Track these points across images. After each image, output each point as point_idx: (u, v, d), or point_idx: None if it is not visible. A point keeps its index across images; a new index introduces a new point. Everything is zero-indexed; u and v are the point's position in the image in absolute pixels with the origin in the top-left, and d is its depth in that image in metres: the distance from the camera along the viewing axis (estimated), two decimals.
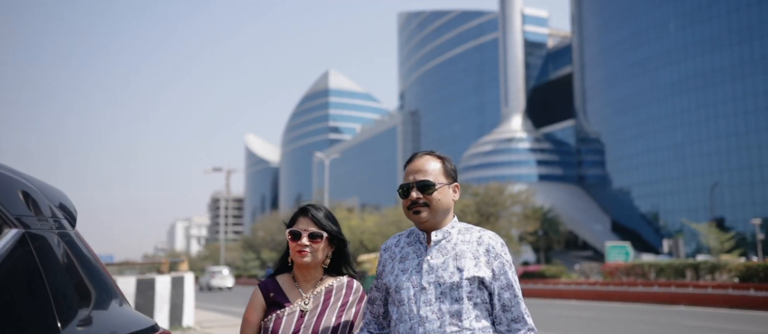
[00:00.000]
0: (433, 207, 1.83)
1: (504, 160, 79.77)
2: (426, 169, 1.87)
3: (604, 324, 13.39)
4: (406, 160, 1.99)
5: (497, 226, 45.44)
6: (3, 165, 1.51)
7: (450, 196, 1.88)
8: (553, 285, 24.79)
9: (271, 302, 2.00)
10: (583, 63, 75.64)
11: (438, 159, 1.92)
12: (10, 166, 1.52)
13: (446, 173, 1.90)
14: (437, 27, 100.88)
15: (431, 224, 1.85)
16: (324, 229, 2.00)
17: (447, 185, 1.87)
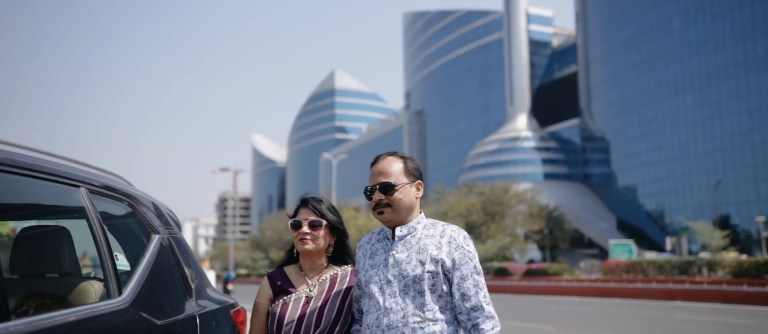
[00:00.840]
0: (395, 207, 1.89)
1: (509, 159, 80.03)
2: (387, 170, 1.93)
3: (601, 318, 13.86)
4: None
5: (503, 224, 45.82)
6: (130, 184, 2.16)
7: (412, 194, 1.93)
8: (555, 282, 25.23)
9: (279, 290, 2.07)
10: (587, 62, 75.78)
11: (400, 159, 1.97)
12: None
13: (408, 172, 1.95)
14: (442, 27, 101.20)
15: (395, 222, 1.91)
16: (324, 217, 2.09)
17: (409, 184, 1.92)
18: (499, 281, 29.04)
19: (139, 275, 1.87)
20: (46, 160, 1.71)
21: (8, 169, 1.52)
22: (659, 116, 63.47)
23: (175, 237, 2.21)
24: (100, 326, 1.60)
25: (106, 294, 1.77)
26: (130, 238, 2.05)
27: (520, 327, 12.21)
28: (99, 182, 1.91)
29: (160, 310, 1.89)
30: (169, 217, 2.27)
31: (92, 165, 1.98)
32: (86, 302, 1.79)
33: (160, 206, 2.25)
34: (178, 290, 2.09)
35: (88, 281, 1.90)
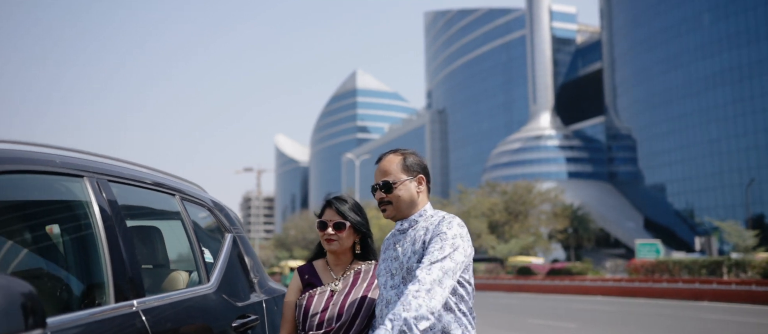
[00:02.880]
0: (396, 203, 1.95)
1: (533, 157, 79.58)
2: (387, 169, 1.99)
3: (625, 317, 13.99)
4: (434, 158, 2.43)
5: (526, 224, 45.79)
6: (206, 191, 2.57)
7: (413, 189, 1.97)
8: (579, 282, 25.26)
9: (306, 283, 2.18)
10: (613, 58, 74.98)
11: (399, 156, 2.02)
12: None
13: (406, 168, 1.99)
14: (464, 25, 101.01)
15: (398, 218, 1.98)
16: (347, 219, 2.15)
17: (408, 180, 1.97)
18: (523, 281, 29.14)
19: (220, 266, 2.28)
20: (150, 174, 2.14)
21: (123, 180, 1.93)
22: (688, 113, 62.53)
23: (241, 236, 2.61)
24: (199, 304, 2.04)
25: (198, 281, 2.17)
26: (210, 236, 2.45)
27: (543, 325, 12.44)
28: (188, 190, 2.34)
29: (236, 294, 2.30)
30: (235, 219, 2.68)
31: (180, 177, 2.39)
32: (177, 288, 2.19)
33: (229, 210, 2.66)
34: (246, 279, 2.49)
35: (177, 271, 2.30)
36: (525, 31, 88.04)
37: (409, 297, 1.69)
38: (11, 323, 0.97)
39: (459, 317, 1.85)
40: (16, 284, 1.02)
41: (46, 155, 1.61)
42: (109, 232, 1.66)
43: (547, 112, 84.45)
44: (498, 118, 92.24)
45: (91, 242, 1.64)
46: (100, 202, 1.68)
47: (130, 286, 1.65)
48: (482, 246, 44.71)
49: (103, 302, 1.56)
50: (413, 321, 1.62)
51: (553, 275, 29.09)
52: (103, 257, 1.61)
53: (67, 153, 1.72)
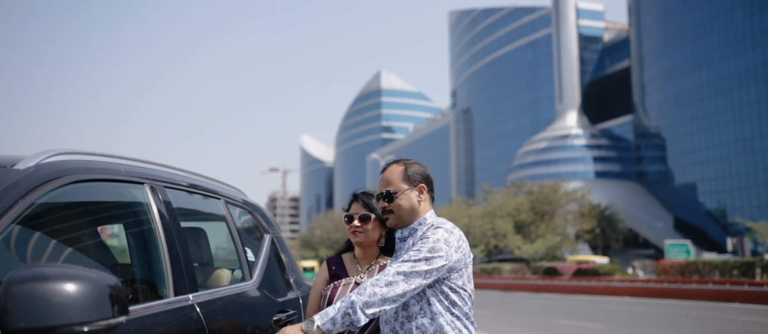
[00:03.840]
0: (397, 212, 2.01)
1: (559, 157, 78.79)
2: (389, 179, 2.05)
3: (652, 318, 13.88)
4: (459, 158, 2.47)
5: (552, 224, 45.44)
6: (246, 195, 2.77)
7: (414, 198, 2.02)
8: (606, 282, 25.03)
9: (333, 275, 2.26)
10: (641, 56, 73.80)
11: (401, 165, 2.08)
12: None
13: (407, 178, 2.04)
14: (489, 24, 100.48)
15: (400, 226, 2.05)
16: (373, 211, 2.22)
17: (409, 189, 2.02)
18: (549, 281, 28.96)
19: (261, 265, 2.47)
20: (198, 179, 2.34)
21: (176, 186, 2.13)
22: (720, 111, 61.21)
23: (277, 236, 2.80)
24: (244, 299, 2.24)
25: (240, 278, 2.36)
26: (251, 236, 2.64)
27: (569, 325, 12.44)
28: (231, 195, 2.54)
29: (276, 291, 2.49)
30: (272, 220, 2.87)
31: (223, 181, 2.59)
32: (221, 285, 2.38)
33: (266, 212, 2.85)
34: (283, 277, 2.68)
35: (220, 269, 2.49)
36: (551, 29, 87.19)
37: (368, 284, 1.79)
38: (102, 311, 1.17)
39: (452, 320, 1.90)
40: (105, 277, 1.23)
41: (113, 165, 1.82)
42: (167, 232, 1.85)
43: (573, 111, 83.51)
44: (523, 118, 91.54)
45: (152, 241, 1.84)
46: (158, 205, 1.88)
47: (186, 281, 1.84)
48: (508, 246, 44.49)
49: (164, 296, 1.76)
50: (360, 306, 1.72)
51: (579, 275, 28.85)
52: (163, 255, 1.80)
53: (129, 162, 1.93)
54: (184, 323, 1.73)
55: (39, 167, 1.51)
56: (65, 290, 1.13)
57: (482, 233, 44.56)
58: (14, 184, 1.39)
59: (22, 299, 1.10)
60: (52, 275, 1.14)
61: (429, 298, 1.91)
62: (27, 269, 1.15)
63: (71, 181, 1.56)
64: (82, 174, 1.62)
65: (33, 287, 1.11)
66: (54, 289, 1.12)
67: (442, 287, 1.91)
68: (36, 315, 1.10)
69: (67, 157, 1.65)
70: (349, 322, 1.73)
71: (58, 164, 1.57)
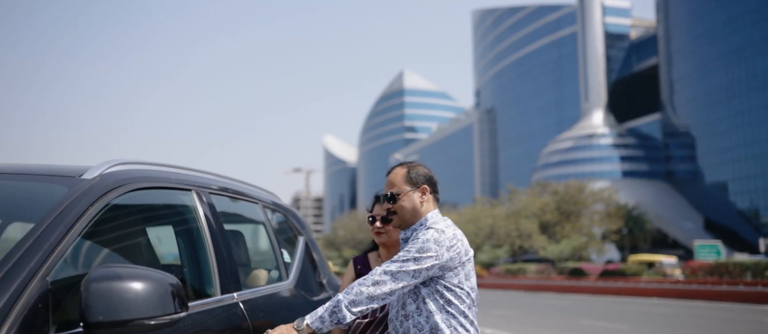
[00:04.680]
0: (400, 213, 2.08)
1: (585, 156, 77.88)
2: (392, 181, 2.13)
3: (681, 320, 13.72)
4: (483, 158, 2.48)
5: (578, 224, 44.95)
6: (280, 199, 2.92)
7: (416, 199, 2.08)
8: (633, 283, 24.74)
9: (358, 273, 2.36)
10: (669, 53, 72.52)
11: (404, 168, 2.15)
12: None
13: (410, 180, 2.10)
14: (513, 23, 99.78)
15: (403, 227, 2.11)
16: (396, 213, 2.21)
17: (411, 191, 2.08)
18: (575, 282, 28.71)
19: (297, 265, 2.62)
20: (239, 185, 2.50)
21: (219, 192, 2.28)
22: (752, 109, 59.84)
23: (310, 239, 2.94)
24: (282, 298, 2.40)
25: (277, 278, 2.51)
26: (286, 239, 2.79)
27: (595, 326, 12.39)
28: (268, 199, 2.70)
29: (310, 290, 2.63)
30: (305, 223, 3.01)
31: (259, 186, 2.74)
32: (258, 285, 2.53)
33: (300, 215, 3.00)
34: (316, 277, 2.82)
35: (258, 269, 2.64)
36: (576, 27, 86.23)
37: (355, 284, 1.87)
38: (166, 307, 1.34)
39: (447, 318, 1.95)
40: (167, 276, 1.39)
41: (164, 173, 1.98)
42: (213, 235, 2.00)
43: (599, 109, 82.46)
44: (548, 117, 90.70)
45: (200, 243, 2.00)
46: (204, 210, 2.03)
47: (231, 281, 1.99)
48: (533, 247, 44.15)
49: (212, 294, 1.91)
50: (345, 304, 1.80)
51: (606, 276, 28.55)
52: (210, 256, 1.96)
53: (177, 170, 2.09)
54: (230, 319, 1.88)
55: (103, 176, 1.68)
56: (136, 288, 1.30)
57: (507, 233, 44.31)
58: (85, 192, 1.56)
59: (99, 295, 1.26)
60: (124, 275, 1.31)
61: (424, 297, 1.96)
62: (103, 270, 1.31)
63: (131, 189, 1.72)
64: (140, 182, 1.78)
65: (108, 286, 1.28)
66: (126, 287, 1.29)
67: (437, 286, 1.96)
68: (111, 310, 1.26)
69: (125, 167, 1.82)
70: (337, 320, 1.80)
71: (119, 174, 1.74)
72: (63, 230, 1.42)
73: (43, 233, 1.39)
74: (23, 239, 1.37)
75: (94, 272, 1.30)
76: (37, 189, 1.68)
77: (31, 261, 1.32)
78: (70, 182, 1.62)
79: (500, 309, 16.87)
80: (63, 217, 1.45)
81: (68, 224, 1.45)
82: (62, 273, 1.44)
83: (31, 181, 1.72)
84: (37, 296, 1.28)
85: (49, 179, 1.70)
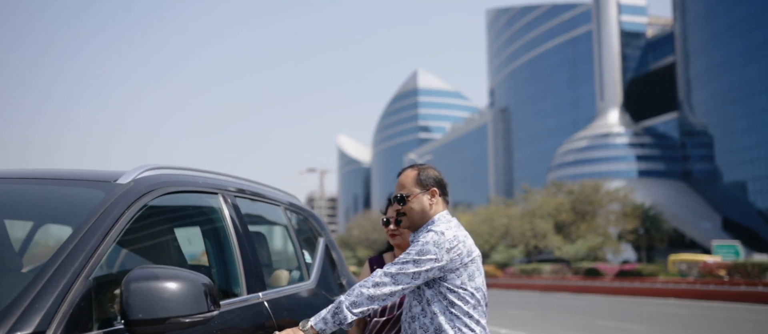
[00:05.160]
0: (409, 215, 2.13)
1: (600, 156, 77.30)
2: (403, 183, 2.18)
3: (697, 320, 13.62)
4: (497, 157, 2.51)
5: (594, 224, 44.64)
6: (300, 201, 2.99)
7: (425, 201, 2.13)
8: (650, 284, 24.55)
9: None
10: (687, 51, 71.70)
11: (414, 170, 2.20)
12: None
13: (419, 182, 2.15)
14: (527, 22, 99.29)
15: (412, 229, 2.16)
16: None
17: (421, 193, 2.13)
18: (590, 282, 28.54)
19: (317, 266, 2.70)
20: (262, 188, 2.59)
21: (244, 195, 2.36)
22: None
23: (330, 240, 3.02)
24: (306, 297, 2.49)
25: (298, 278, 2.59)
26: (307, 240, 2.87)
27: (611, 327, 12.35)
28: (289, 201, 2.79)
29: (331, 290, 2.71)
30: (325, 225, 3.09)
31: (281, 189, 2.82)
32: (280, 285, 2.61)
33: (319, 217, 3.08)
34: (335, 277, 2.89)
35: (279, 269, 2.72)
36: (591, 25, 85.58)
37: (357, 286, 1.94)
38: (199, 305, 1.42)
39: (451, 319, 2.00)
40: (200, 277, 1.47)
41: (192, 177, 2.07)
42: (238, 236, 2.09)
43: (615, 108, 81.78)
44: (563, 116, 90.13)
45: (226, 244, 2.08)
46: (230, 213, 2.12)
47: (256, 280, 2.08)
48: (548, 247, 43.93)
49: (239, 293, 2.00)
50: (347, 305, 1.87)
51: (622, 276, 28.34)
52: (236, 257, 2.04)
53: (204, 174, 2.17)
54: (257, 317, 1.96)
55: (137, 181, 1.77)
56: (172, 288, 1.38)
57: (521, 233, 44.15)
58: (121, 196, 1.65)
59: (138, 294, 1.34)
60: (161, 275, 1.39)
61: (428, 299, 2.02)
62: (141, 270, 1.40)
63: (163, 193, 1.81)
64: (171, 187, 1.87)
65: (147, 285, 1.36)
66: (163, 287, 1.37)
67: (440, 288, 2.01)
68: (150, 308, 1.34)
69: (156, 172, 1.91)
70: (339, 321, 1.86)
71: (151, 179, 1.82)
72: (103, 233, 1.51)
73: (85, 235, 1.48)
74: (67, 240, 1.46)
75: (133, 273, 1.39)
76: (76, 193, 1.77)
77: (75, 262, 1.40)
78: (106, 187, 1.71)
79: (515, 309, 16.86)
80: (102, 220, 1.54)
81: (107, 226, 1.53)
82: (101, 273, 1.53)
83: (69, 186, 1.81)
84: (81, 295, 1.36)
85: (87, 183, 1.79)
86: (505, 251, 43.32)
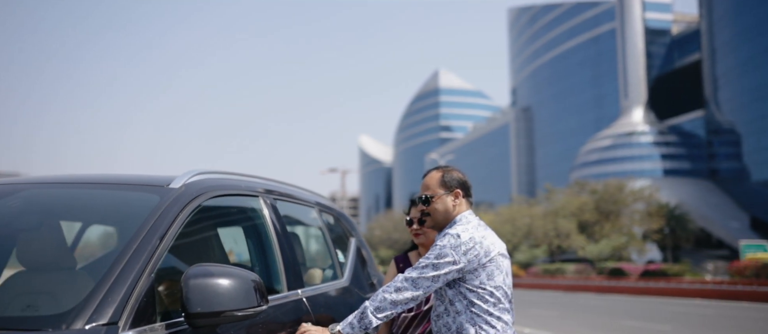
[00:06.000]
0: (433, 215, 2.22)
1: (625, 154, 76.31)
2: (427, 184, 2.26)
3: (724, 321, 13.46)
4: (519, 157, 2.61)
5: (618, 224, 44.15)
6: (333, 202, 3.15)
7: (449, 203, 2.21)
8: (675, 284, 24.25)
9: (400, 270, 2.52)
10: (713, 48, 70.40)
11: (439, 172, 2.28)
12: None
13: (444, 183, 2.23)
14: (549, 20, 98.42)
15: (437, 229, 2.25)
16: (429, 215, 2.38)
17: (445, 195, 2.21)
18: (614, 282, 28.26)
19: (350, 265, 2.83)
20: (298, 191, 2.73)
21: (282, 197, 2.50)
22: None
23: (360, 240, 3.14)
24: (340, 295, 2.62)
25: (331, 276, 2.72)
26: (339, 240, 3.00)
27: (636, 327, 12.29)
28: (322, 203, 2.93)
29: (363, 288, 2.84)
30: (355, 225, 3.22)
31: (313, 191, 2.96)
32: (315, 283, 2.74)
33: (350, 218, 3.21)
34: (366, 276, 3.02)
35: (313, 268, 2.86)
36: (615, 23, 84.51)
37: (380, 291, 2.05)
38: (250, 300, 1.55)
39: (471, 318, 2.09)
40: (251, 274, 1.61)
41: (235, 181, 2.21)
42: (278, 237, 2.22)
43: (639, 107, 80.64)
44: (586, 115, 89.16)
45: (268, 244, 2.22)
46: (269, 214, 2.26)
47: (295, 278, 2.21)
48: (571, 247, 43.58)
49: (280, 290, 2.13)
50: (371, 310, 1.98)
51: (647, 276, 28.02)
52: (277, 256, 2.18)
53: (245, 178, 2.32)
54: (297, 312, 2.10)
55: (187, 186, 1.91)
56: (226, 284, 1.51)
57: (544, 233, 43.87)
58: (175, 200, 1.80)
59: (197, 290, 1.48)
60: (216, 273, 1.52)
61: (450, 298, 2.11)
62: (198, 268, 1.53)
63: (211, 196, 1.95)
64: (218, 190, 2.01)
65: (204, 282, 1.49)
66: (218, 283, 1.50)
67: (460, 289, 2.10)
68: (207, 303, 1.47)
69: (203, 176, 2.05)
70: (364, 325, 1.98)
71: (200, 183, 1.97)
72: (161, 233, 1.66)
73: (147, 235, 1.63)
74: (131, 240, 1.61)
75: (191, 270, 1.53)
76: (134, 197, 1.93)
77: (140, 259, 1.55)
78: (160, 191, 1.86)
79: (538, 309, 16.82)
80: (161, 221, 1.69)
81: (165, 227, 1.68)
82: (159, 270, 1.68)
83: (127, 190, 1.97)
84: (145, 289, 1.51)
85: (142, 188, 1.94)
86: (527, 251, 43.10)
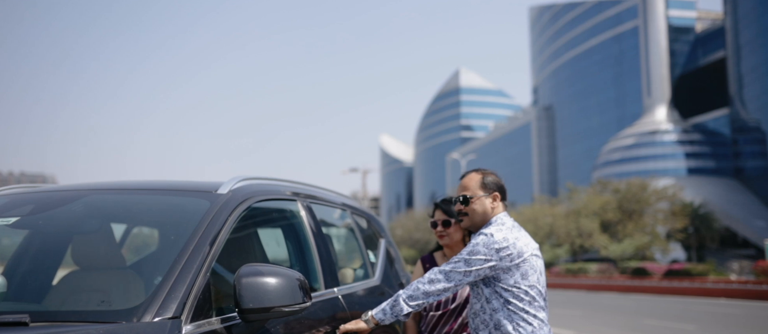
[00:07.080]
0: (471, 215, 2.29)
1: (648, 153, 75.33)
2: (466, 185, 2.33)
3: (749, 321, 13.33)
4: (541, 156, 2.77)
5: (641, 223, 43.67)
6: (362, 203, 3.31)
7: (487, 204, 2.29)
8: (699, 283, 23.96)
9: (426, 270, 2.63)
10: (738, 46, 69.13)
11: (479, 174, 2.35)
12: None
13: (484, 185, 2.31)
14: (571, 18, 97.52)
15: (473, 229, 2.33)
16: (452, 217, 2.60)
17: (484, 196, 2.29)
18: (638, 282, 28.01)
19: (380, 264, 2.98)
20: (331, 195, 2.89)
21: (317, 201, 2.66)
22: None
23: (389, 240, 3.29)
24: (372, 293, 2.76)
25: (363, 276, 2.87)
26: (369, 240, 3.15)
27: (660, 326, 12.24)
28: (353, 205, 3.08)
29: (392, 287, 2.98)
30: (384, 226, 3.36)
31: (346, 195, 3.11)
32: (346, 282, 2.89)
33: (379, 220, 3.36)
34: (394, 275, 3.16)
35: (345, 268, 3.01)
36: (637, 21, 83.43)
37: (415, 282, 2.17)
38: (296, 297, 1.69)
39: (508, 315, 2.18)
40: (295, 273, 1.75)
41: (276, 186, 2.37)
42: (315, 238, 2.38)
43: (663, 105, 79.51)
44: (609, 114, 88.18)
45: (306, 245, 2.38)
46: (307, 217, 2.41)
47: (331, 277, 2.36)
48: (593, 246, 43.24)
49: (318, 289, 2.29)
50: (404, 298, 2.12)
51: (671, 276, 27.71)
52: (314, 256, 2.33)
53: (284, 183, 2.48)
54: (334, 309, 2.25)
55: (234, 191, 2.08)
56: (273, 282, 1.65)
57: (567, 232, 43.59)
58: (225, 205, 1.96)
59: (249, 287, 1.62)
60: (265, 272, 1.66)
61: (487, 296, 2.21)
62: (249, 267, 1.68)
63: (256, 200, 2.11)
64: (262, 195, 2.18)
65: (254, 280, 1.63)
66: (267, 281, 1.64)
67: (495, 288, 2.19)
68: (257, 299, 1.61)
69: (246, 182, 2.21)
70: (396, 312, 2.12)
71: (245, 188, 2.13)
72: (214, 235, 1.82)
73: (202, 237, 1.79)
74: (188, 241, 1.77)
75: (243, 269, 1.68)
76: (185, 202, 2.09)
77: (197, 259, 1.71)
78: (209, 197, 2.02)
79: (561, 308, 16.80)
80: (213, 224, 1.85)
81: (217, 229, 1.84)
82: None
83: (179, 195, 2.14)
84: (203, 287, 1.66)
85: (193, 193, 2.11)
86: (550, 251, 42.87)
